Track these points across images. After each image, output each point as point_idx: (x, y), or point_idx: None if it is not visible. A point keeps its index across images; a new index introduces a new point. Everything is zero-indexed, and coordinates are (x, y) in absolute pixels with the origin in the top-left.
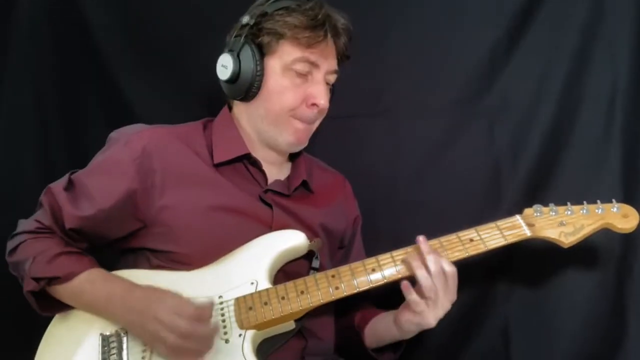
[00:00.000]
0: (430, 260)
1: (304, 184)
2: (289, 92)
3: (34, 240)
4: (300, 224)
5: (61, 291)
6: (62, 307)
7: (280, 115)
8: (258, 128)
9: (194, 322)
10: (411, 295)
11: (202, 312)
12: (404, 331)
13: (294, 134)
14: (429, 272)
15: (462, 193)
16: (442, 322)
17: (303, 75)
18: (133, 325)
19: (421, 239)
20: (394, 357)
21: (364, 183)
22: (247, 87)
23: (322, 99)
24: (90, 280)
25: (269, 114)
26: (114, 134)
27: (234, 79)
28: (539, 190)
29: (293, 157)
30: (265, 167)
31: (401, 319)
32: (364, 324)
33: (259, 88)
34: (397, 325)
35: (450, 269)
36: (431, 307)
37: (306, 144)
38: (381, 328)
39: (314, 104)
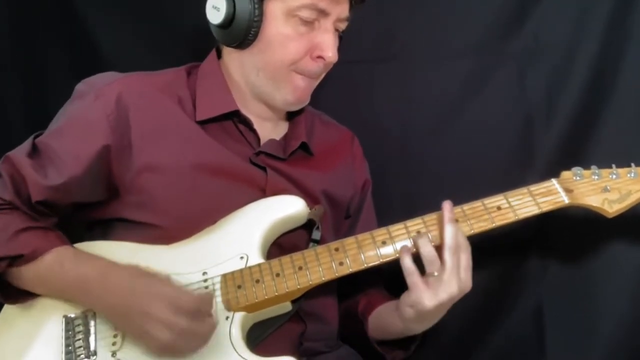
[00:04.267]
0: (448, 230)
1: (303, 146)
2: (292, 42)
3: None
4: (299, 190)
5: (25, 274)
6: (29, 294)
7: (279, 68)
8: (252, 81)
9: (196, 319)
10: (404, 260)
11: (204, 305)
12: (404, 318)
13: (293, 92)
14: (445, 243)
15: (488, 151)
16: (466, 304)
17: (309, 23)
18: (115, 314)
19: (447, 205)
20: (404, 356)
21: (372, 140)
22: (243, 34)
23: (331, 50)
24: (59, 259)
25: (267, 66)
26: (81, 86)
27: (227, 23)
28: (577, 148)
29: (292, 113)
30: (257, 125)
31: (400, 301)
32: (368, 312)
33: (255, 35)
34: (397, 312)
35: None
36: (431, 285)
37: (307, 102)
38: (385, 318)
39: (320, 57)
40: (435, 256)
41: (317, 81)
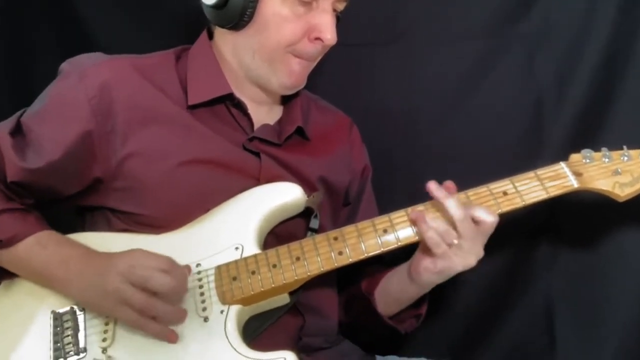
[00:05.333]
0: (450, 204)
1: (299, 130)
2: (289, 23)
3: None
4: (294, 176)
5: (3, 257)
6: (5, 274)
7: (275, 51)
8: (246, 64)
9: (164, 274)
10: (429, 233)
11: (174, 267)
12: (423, 284)
13: (289, 76)
14: (454, 217)
15: (495, 137)
16: (470, 297)
17: (307, 3)
18: (90, 293)
19: (432, 186)
20: (417, 324)
21: (375, 126)
22: (238, 15)
23: (329, 32)
24: (42, 242)
25: (262, 48)
26: (66, 65)
27: (222, 3)
28: (588, 133)
29: (287, 97)
30: (251, 109)
31: (418, 268)
32: (373, 288)
33: (251, 16)
34: (413, 278)
35: (490, 219)
36: (455, 251)
37: (304, 85)
38: (395, 287)
39: (318, 39)
40: (447, 227)
41: (314, 64)
